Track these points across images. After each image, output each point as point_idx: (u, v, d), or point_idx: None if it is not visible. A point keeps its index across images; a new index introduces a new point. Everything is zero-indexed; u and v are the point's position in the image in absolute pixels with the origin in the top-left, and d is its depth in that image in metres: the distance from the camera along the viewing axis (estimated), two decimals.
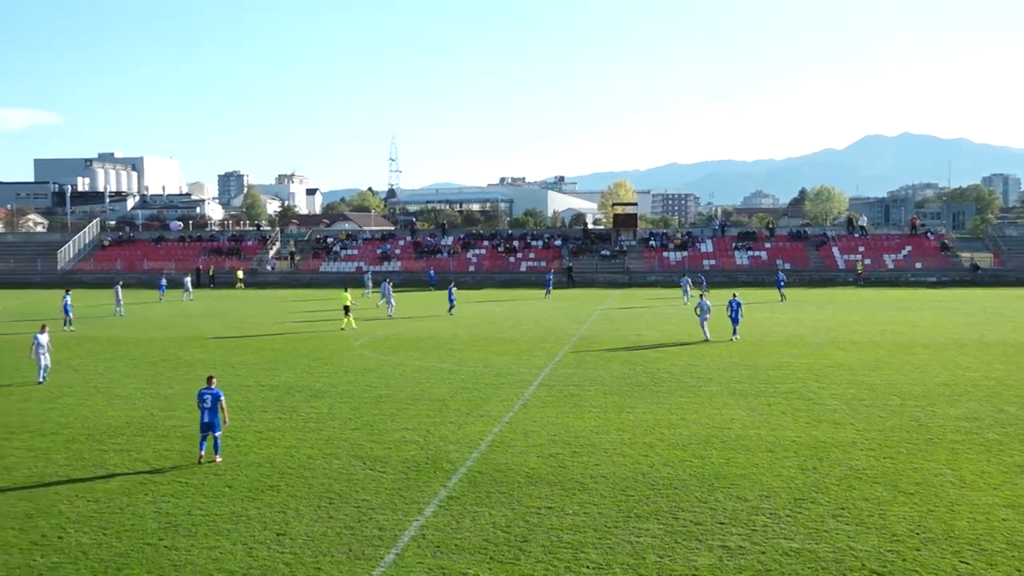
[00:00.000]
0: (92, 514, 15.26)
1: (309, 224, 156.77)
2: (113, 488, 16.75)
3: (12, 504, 15.82)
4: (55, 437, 20.81)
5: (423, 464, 18.22)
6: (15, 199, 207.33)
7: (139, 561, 13.15)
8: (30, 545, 13.84)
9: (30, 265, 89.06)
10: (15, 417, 23.07)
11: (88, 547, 13.73)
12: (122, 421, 22.44)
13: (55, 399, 25.47)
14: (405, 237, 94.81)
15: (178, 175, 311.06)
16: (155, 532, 14.35)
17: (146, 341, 38.97)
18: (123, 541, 13.97)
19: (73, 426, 21.98)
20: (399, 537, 14.02)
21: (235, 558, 13.24)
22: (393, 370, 30.27)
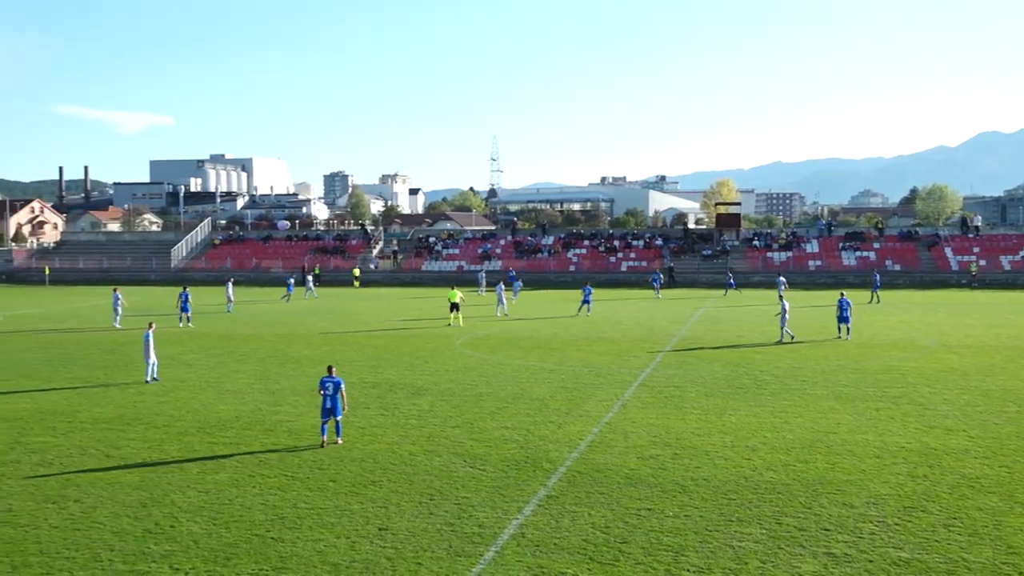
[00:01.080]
0: (203, 504, 15.75)
1: (411, 224, 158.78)
2: (223, 480, 17.26)
3: (127, 493, 16.43)
4: (168, 429, 21.53)
5: (523, 463, 18.28)
6: (131, 199, 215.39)
7: (247, 551, 13.51)
8: (144, 533, 14.36)
9: (145, 263, 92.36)
10: (131, 410, 23.96)
11: (199, 536, 14.17)
12: (231, 415, 23.09)
13: (168, 393, 26.36)
14: (506, 237, 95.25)
15: (285, 175, 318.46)
16: (262, 523, 14.73)
17: (255, 338, 40.01)
18: (232, 531, 14.38)
19: (185, 419, 22.71)
20: (499, 535, 14.10)
21: (339, 551, 13.50)
22: (493, 369, 30.44)
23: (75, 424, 22.20)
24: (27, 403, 24.92)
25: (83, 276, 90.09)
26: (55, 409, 24.06)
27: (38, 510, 15.49)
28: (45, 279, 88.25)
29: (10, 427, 21.87)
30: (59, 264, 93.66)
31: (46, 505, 15.77)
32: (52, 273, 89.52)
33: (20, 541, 13.99)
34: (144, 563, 13.08)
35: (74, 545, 13.80)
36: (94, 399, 25.49)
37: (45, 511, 15.44)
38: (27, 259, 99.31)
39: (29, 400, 25.38)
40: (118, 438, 20.67)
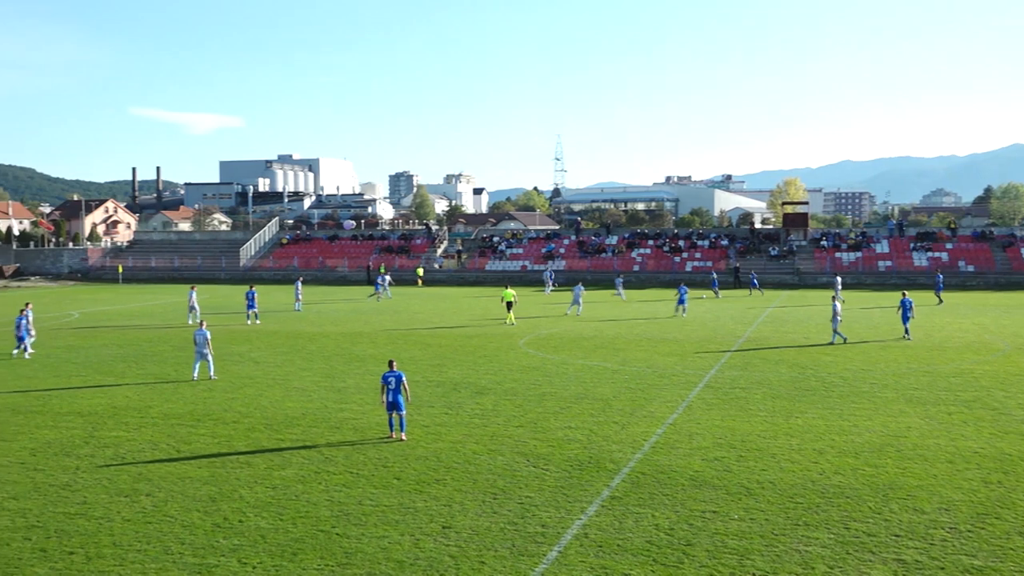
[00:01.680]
0: (270, 500, 15.98)
1: (476, 223, 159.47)
2: (289, 476, 17.49)
3: (197, 488, 16.74)
4: (236, 426, 21.89)
5: (586, 463, 18.24)
6: (202, 199, 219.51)
7: (313, 547, 13.68)
8: (213, 527, 14.62)
9: (215, 262, 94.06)
10: (200, 406, 24.41)
11: (266, 531, 14.39)
12: (298, 412, 23.40)
13: (236, 390, 26.81)
14: (570, 236, 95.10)
15: (351, 175, 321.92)
16: (328, 520, 14.90)
17: (321, 336, 40.49)
18: (298, 527, 14.57)
19: (253, 416, 23.07)
20: (562, 535, 14.08)
21: (403, 548, 13.60)
22: (556, 368, 30.42)
23: (147, 419, 22.69)
24: (101, 398, 25.54)
25: (155, 275, 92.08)
26: (128, 404, 24.62)
27: (111, 503, 15.87)
28: (119, 277, 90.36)
29: (85, 421, 22.43)
30: (132, 263, 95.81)
31: (119, 498, 16.14)
32: (125, 271, 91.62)
33: (94, 533, 14.34)
34: (213, 557, 13.32)
35: (145, 538, 14.11)
36: (165, 395, 26.03)
37: (118, 504, 15.80)
38: (102, 258, 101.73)
39: (103, 395, 26.01)
40: (188, 434, 21.08)
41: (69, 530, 14.48)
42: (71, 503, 15.88)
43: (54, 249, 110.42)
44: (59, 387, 27.40)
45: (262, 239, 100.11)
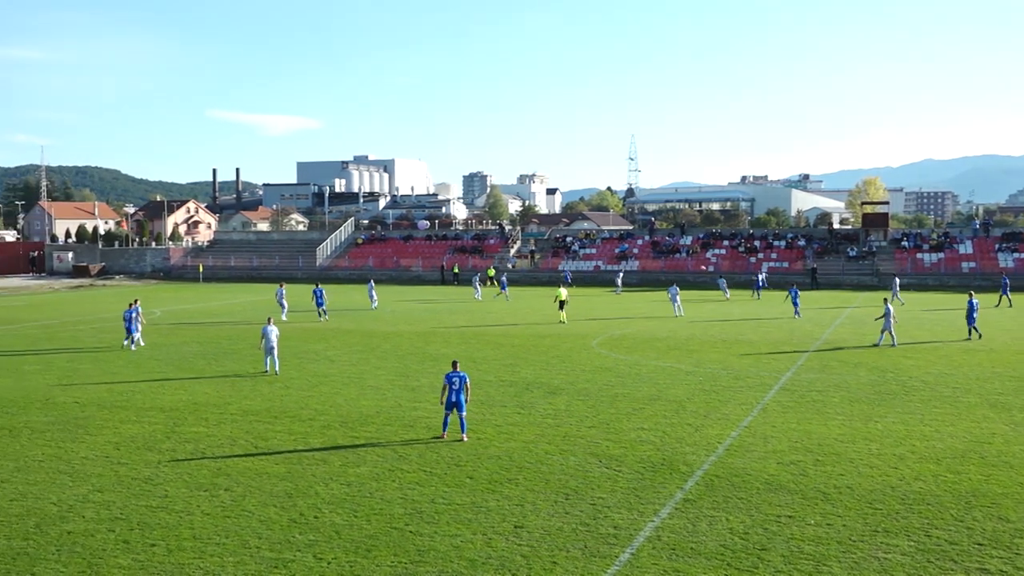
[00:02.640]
0: (345, 497, 16.18)
1: (549, 223, 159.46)
2: (364, 473, 17.69)
3: (274, 484, 17.03)
4: (312, 423, 22.22)
5: (659, 465, 18.11)
6: (279, 200, 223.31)
7: (387, 544, 13.81)
8: (289, 523, 14.85)
9: (292, 261, 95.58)
10: (277, 403, 24.83)
11: (341, 528, 14.57)
12: (373, 410, 23.66)
13: (312, 388, 27.20)
14: (643, 237, 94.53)
15: (426, 176, 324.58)
16: (401, 517, 15.04)
17: (395, 335, 40.88)
18: (372, 524, 14.73)
19: (328, 413, 23.39)
20: (634, 537, 14.01)
21: (475, 547, 13.66)
22: (629, 369, 30.27)
23: (226, 415, 23.16)
24: (182, 394, 26.14)
25: (234, 273, 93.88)
26: (207, 401, 25.15)
27: (191, 497, 16.23)
28: (199, 276, 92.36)
29: (166, 417, 22.98)
30: (212, 262, 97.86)
31: (199, 492, 16.50)
32: (205, 271, 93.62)
33: (175, 526, 14.67)
34: (289, 551, 13.53)
35: (224, 532, 14.40)
36: (243, 392, 26.53)
37: (198, 498, 16.15)
38: (183, 257, 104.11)
39: (184, 391, 26.61)
40: (266, 430, 21.46)
41: (151, 523, 14.85)
42: (153, 496, 16.28)
43: (137, 249, 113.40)
44: (142, 383, 28.11)
45: (338, 239, 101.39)
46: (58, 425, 22.11)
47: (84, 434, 21.12)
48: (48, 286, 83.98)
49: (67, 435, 21.03)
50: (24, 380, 28.77)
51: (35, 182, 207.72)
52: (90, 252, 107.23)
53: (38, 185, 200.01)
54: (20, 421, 22.60)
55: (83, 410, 23.92)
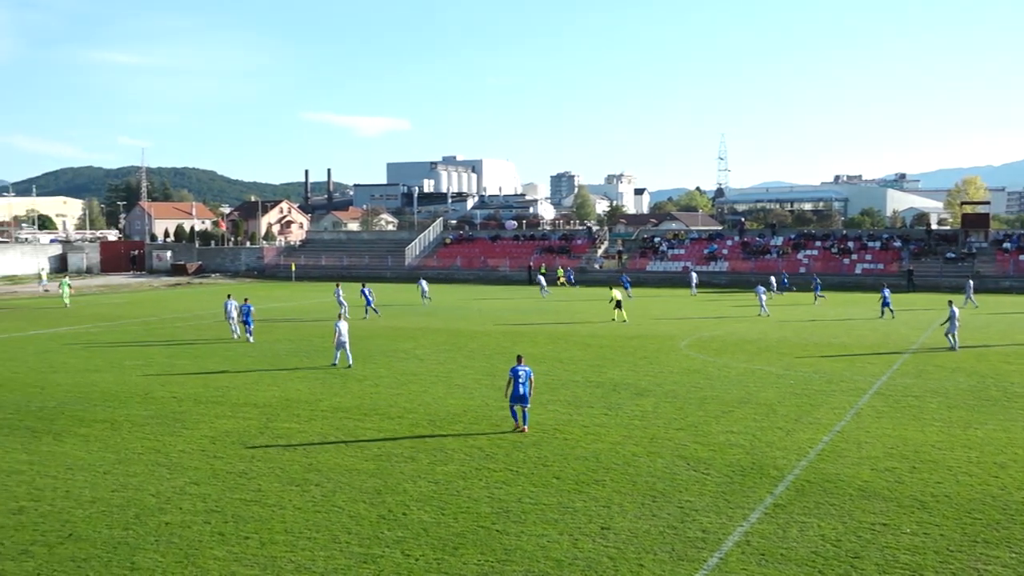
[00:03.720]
0: (432, 495, 16.33)
1: (636, 223, 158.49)
2: (451, 472, 17.83)
3: (363, 480, 17.27)
4: (401, 421, 22.47)
5: (748, 469, 17.86)
6: (370, 200, 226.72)
7: (473, 542, 13.89)
8: (378, 519, 15.05)
9: (382, 261, 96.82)
10: (367, 400, 25.18)
11: (429, 525, 14.71)
12: (460, 409, 23.82)
13: (401, 385, 27.52)
14: (733, 237, 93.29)
15: (513, 176, 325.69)
16: (488, 516, 15.11)
17: (483, 334, 41.10)
18: (459, 522, 14.83)
19: (417, 411, 23.63)
20: (723, 541, 13.83)
21: (561, 548, 13.65)
22: (718, 372, 29.90)
23: (317, 412, 23.58)
24: (275, 391, 26.69)
25: (325, 272, 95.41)
26: (299, 397, 25.63)
27: (284, 491, 16.56)
28: (292, 275, 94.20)
29: (260, 413, 23.49)
30: (304, 261, 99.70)
31: (291, 487, 16.82)
32: (297, 269, 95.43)
33: (268, 520, 14.99)
34: (378, 547, 13.71)
35: (315, 526, 14.65)
36: (334, 389, 26.97)
37: (290, 493, 16.47)
38: (276, 256, 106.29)
39: (277, 388, 27.17)
40: (355, 427, 21.78)
41: (245, 516, 15.20)
42: (247, 490, 16.66)
43: (232, 248, 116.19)
44: (237, 379, 28.78)
45: (426, 239, 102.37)
46: (157, 419, 22.79)
47: (181, 428, 21.73)
48: (148, 284, 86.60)
49: (165, 429, 21.66)
50: (125, 375, 29.72)
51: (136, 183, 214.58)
52: (187, 251, 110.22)
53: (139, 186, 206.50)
54: (121, 415, 23.36)
55: (180, 405, 24.61)
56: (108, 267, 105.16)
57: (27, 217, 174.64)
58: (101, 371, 30.58)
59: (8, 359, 33.73)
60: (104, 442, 20.39)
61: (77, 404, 24.80)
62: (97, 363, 32.54)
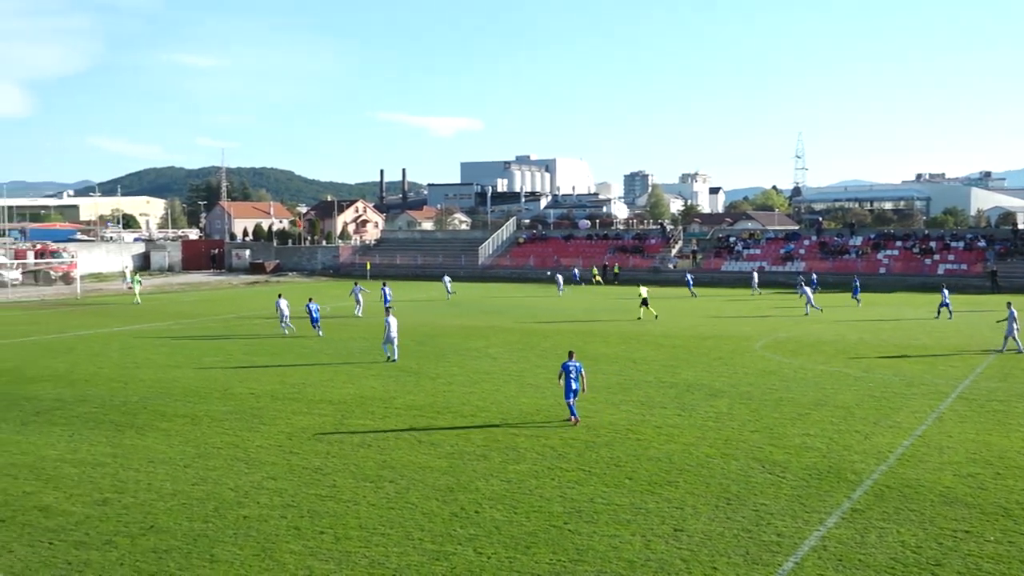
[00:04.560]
0: (504, 493, 16.38)
1: (711, 223, 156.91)
2: (523, 471, 17.85)
3: (436, 478, 17.39)
4: (473, 419, 22.58)
5: (825, 472, 17.56)
6: (444, 200, 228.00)
7: (545, 542, 13.90)
8: (451, 516, 15.14)
9: (455, 260, 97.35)
10: (440, 399, 25.35)
11: (501, 523, 14.75)
12: (532, 408, 23.84)
13: (474, 384, 27.65)
14: (810, 237, 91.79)
15: (587, 175, 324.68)
16: (560, 515, 15.10)
17: (555, 333, 41.07)
18: (531, 521, 14.85)
19: (489, 410, 23.72)
20: (799, 546, 13.62)
21: (633, 548, 13.58)
22: (794, 373, 29.45)
23: (391, 410, 23.81)
24: (350, 388, 27.02)
25: (399, 271, 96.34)
26: (373, 395, 25.92)
27: (358, 488, 16.76)
28: (367, 274, 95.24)
29: (335, 409, 23.81)
30: (379, 260, 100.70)
31: (365, 483, 17.02)
32: (372, 268, 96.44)
33: (342, 515, 15.19)
34: (451, 544, 13.79)
35: (388, 523, 14.80)
36: (407, 387, 27.21)
37: (364, 489, 16.67)
38: (351, 255, 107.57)
39: (352, 385, 27.51)
40: (429, 425, 21.94)
41: (320, 511, 15.42)
42: (322, 486, 16.90)
43: (309, 247, 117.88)
44: (312, 376, 29.21)
45: (500, 238, 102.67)
46: (235, 415, 23.25)
47: (259, 424, 22.13)
48: (227, 282, 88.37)
49: (243, 424, 22.09)
50: (205, 371, 30.38)
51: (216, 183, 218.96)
52: (265, 250, 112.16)
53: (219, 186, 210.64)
54: (201, 410, 23.88)
55: (258, 401, 25.07)
56: (189, 265, 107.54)
57: (112, 216, 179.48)
58: (182, 367, 31.30)
59: (94, 355, 34.72)
60: (185, 436, 20.87)
61: (159, 399, 25.43)
62: (178, 359, 33.32)
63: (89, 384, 27.96)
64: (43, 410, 23.98)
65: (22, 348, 36.88)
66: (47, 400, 25.35)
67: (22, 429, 21.72)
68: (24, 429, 21.72)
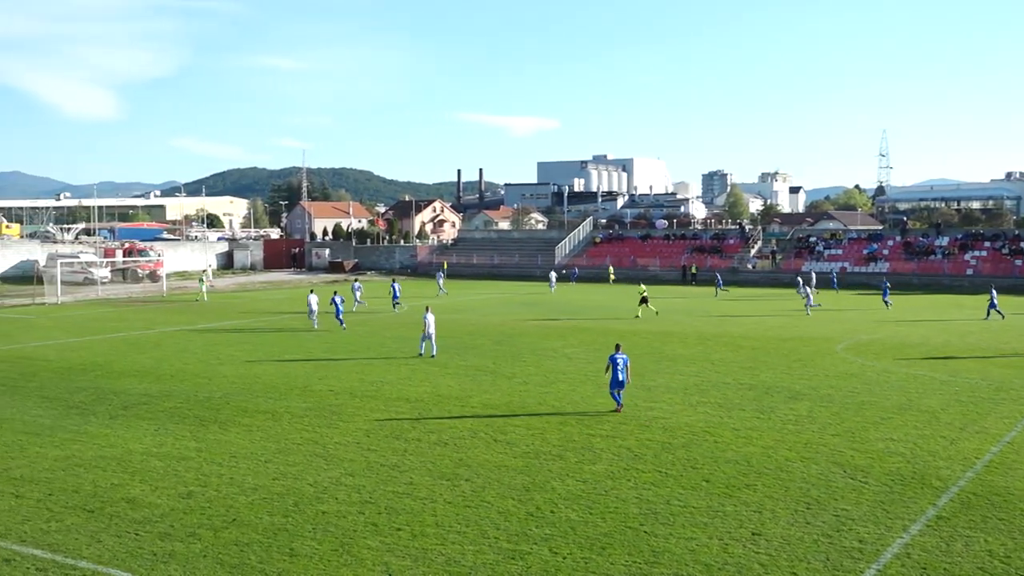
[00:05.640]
0: (580, 493, 16.34)
1: (791, 223, 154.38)
2: (599, 471, 17.80)
3: (512, 477, 17.43)
4: (550, 419, 22.57)
5: (909, 478, 17.15)
6: (520, 199, 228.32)
7: (621, 543, 13.83)
8: (526, 515, 15.16)
9: (532, 260, 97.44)
10: (516, 398, 25.41)
11: (576, 524, 14.72)
12: (607, 409, 23.73)
13: (550, 384, 27.64)
14: (894, 237, 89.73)
15: (664, 175, 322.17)
16: (636, 517, 15.01)
17: (632, 334, 40.83)
18: (607, 522, 14.79)
19: (565, 410, 23.69)
20: (881, 553, 13.33)
21: (711, 552, 13.43)
22: (877, 376, 28.83)
23: (467, 408, 23.94)
24: (427, 386, 27.23)
25: (476, 271, 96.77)
26: (450, 393, 26.08)
27: (434, 485, 16.88)
28: (443, 273, 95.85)
29: (412, 407, 24.02)
30: (455, 259, 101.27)
31: (441, 481, 17.14)
32: (449, 268, 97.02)
33: (419, 512, 15.32)
34: (526, 544, 13.81)
35: (464, 521, 14.88)
36: (484, 386, 27.33)
37: (440, 487, 16.78)
38: (428, 255, 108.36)
39: (428, 384, 27.71)
40: (504, 424, 22.00)
41: (397, 507, 15.57)
42: (399, 483, 17.07)
43: (387, 246, 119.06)
44: (390, 374, 29.51)
45: (576, 238, 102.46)
46: (314, 411, 23.60)
47: (338, 420, 22.44)
48: (307, 280, 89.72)
49: (322, 421, 22.41)
50: (285, 368, 30.90)
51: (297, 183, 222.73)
52: (344, 249, 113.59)
53: (299, 186, 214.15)
54: (282, 406, 24.30)
55: (337, 398, 25.42)
56: (270, 264, 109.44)
57: (197, 216, 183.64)
58: (263, 364, 31.89)
59: (179, 351, 35.58)
60: (266, 432, 21.26)
61: (241, 395, 25.95)
62: (259, 355, 33.95)
63: (174, 379, 28.66)
64: (130, 404, 24.65)
65: (111, 344, 37.97)
66: (134, 395, 26.06)
67: (110, 423, 22.36)
68: (112, 423, 22.36)
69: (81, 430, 21.48)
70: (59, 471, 17.96)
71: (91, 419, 22.77)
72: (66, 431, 21.36)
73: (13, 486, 16.94)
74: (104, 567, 12.99)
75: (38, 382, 28.27)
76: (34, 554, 13.47)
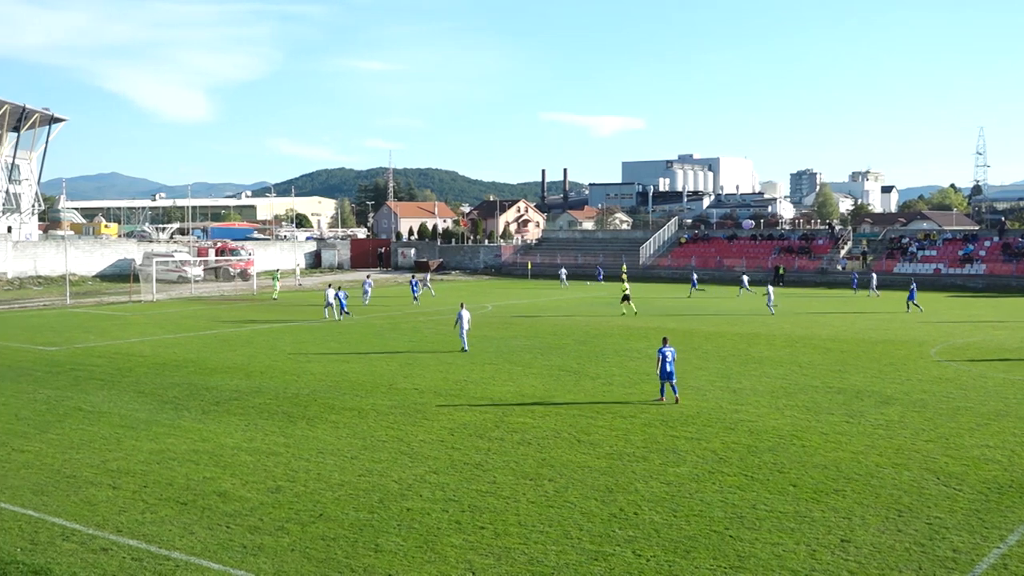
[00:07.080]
0: (664, 496, 16.21)
1: (883, 223, 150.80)
2: (683, 473, 17.63)
3: (595, 478, 17.38)
4: (633, 420, 22.44)
5: (1006, 487, 16.62)
6: (605, 199, 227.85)
7: (705, 546, 13.68)
8: (610, 517, 15.10)
9: (616, 260, 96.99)
10: (599, 399, 25.33)
11: (660, 526, 14.61)
12: (693, 411, 23.51)
13: (634, 385, 27.49)
14: (992, 238, 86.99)
15: (751, 174, 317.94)
16: (721, 521, 14.83)
17: (718, 335, 40.39)
18: (691, 525, 14.65)
19: (650, 411, 23.52)
20: (976, 563, 12.94)
21: (798, 558, 13.20)
22: (973, 381, 27.99)
23: (550, 408, 23.95)
24: (510, 386, 27.32)
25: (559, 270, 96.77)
26: (533, 393, 26.12)
27: (518, 485, 16.92)
28: (527, 273, 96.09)
29: (496, 407, 24.13)
30: (539, 259, 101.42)
31: (524, 481, 17.17)
32: (533, 267, 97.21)
33: (502, 511, 15.37)
34: (609, 545, 13.75)
35: (547, 521, 14.89)
36: (567, 386, 27.30)
37: (523, 486, 16.82)
38: (512, 254, 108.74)
39: (512, 383, 27.80)
40: (588, 424, 21.95)
41: (480, 506, 15.65)
42: (482, 481, 17.15)
43: (472, 246, 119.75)
44: (474, 374, 29.68)
45: (661, 238, 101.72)
46: (399, 409, 23.87)
47: (422, 419, 22.65)
48: (393, 279, 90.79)
49: (407, 419, 22.65)
50: (371, 366, 31.30)
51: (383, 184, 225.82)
52: (430, 249, 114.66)
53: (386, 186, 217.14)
54: (368, 404, 24.63)
55: (421, 396, 25.66)
56: (357, 263, 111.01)
57: (286, 216, 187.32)
58: (350, 362, 32.36)
59: (269, 348, 36.32)
60: (352, 429, 21.57)
61: (328, 392, 26.37)
62: (346, 353, 34.46)
63: (264, 376, 29.27)
64: (222, 400, 25.26)
65: (203, 341, 38.95)
66: (226, 391, 26.69)
67: (203, 418, 22.94)
68: (205, 418, 22.93)
69: (175, 424, 22.09)
70: (153, 464, 18.49)
71: (184, 414, 23.39)
72: (160, 425, 22.00)
73: (110, 478, 17.50)
74: (196, 558, 13.32)
75: (134, 377, 29.15)
76: (130, 544, 13.89)
